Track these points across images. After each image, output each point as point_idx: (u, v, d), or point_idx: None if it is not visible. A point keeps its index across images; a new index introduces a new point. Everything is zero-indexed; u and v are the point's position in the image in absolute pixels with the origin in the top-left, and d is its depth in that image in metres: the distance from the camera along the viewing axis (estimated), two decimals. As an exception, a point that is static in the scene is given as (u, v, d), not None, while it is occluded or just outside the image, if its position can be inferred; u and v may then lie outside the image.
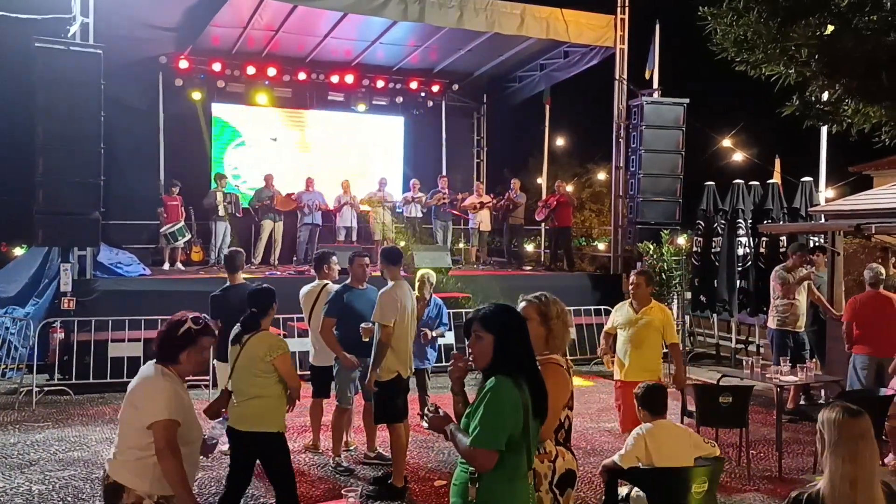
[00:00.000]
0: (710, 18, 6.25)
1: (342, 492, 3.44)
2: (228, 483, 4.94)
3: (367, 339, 6.21)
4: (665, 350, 6.58)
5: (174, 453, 3.38)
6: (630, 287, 6.56)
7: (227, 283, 7.11)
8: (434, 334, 7.63)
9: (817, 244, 9.89)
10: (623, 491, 4.84)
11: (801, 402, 8.81)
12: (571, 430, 3.89)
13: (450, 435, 3.07)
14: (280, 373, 4.78)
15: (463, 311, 10.79)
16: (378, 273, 6.87)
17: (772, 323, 8.71)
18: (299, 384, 4.97)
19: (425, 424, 3.24)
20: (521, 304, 3.73)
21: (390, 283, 6.17)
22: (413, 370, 6.54)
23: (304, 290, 7.20)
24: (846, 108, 6.36)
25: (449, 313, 10.52)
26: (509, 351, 3.03)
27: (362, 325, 6.31)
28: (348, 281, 6.65)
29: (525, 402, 2.95)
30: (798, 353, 8.27)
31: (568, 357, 3.93)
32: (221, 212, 13.26)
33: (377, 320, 5.99)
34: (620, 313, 6.53)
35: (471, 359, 3.18)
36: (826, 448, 2.84)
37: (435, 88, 17.01)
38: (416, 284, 7.81)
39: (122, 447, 3.49)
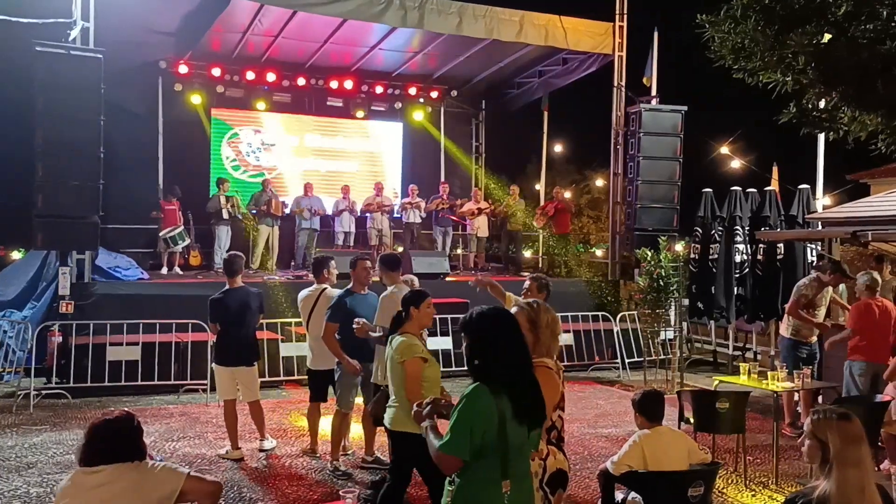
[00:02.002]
0: (707, 26, 6.31)
1: (340, 493, 3.46)
2: (391, 480, 5.00)
3: (362, 337, 6.21)
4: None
5: None
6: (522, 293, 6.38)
7: (227, 287, 7.13)
8: None
9: (816, 252, 9.91)
10: (619, 495, 4.85)
11: (798, 410, 8.80)
12: (563, 430, 3.91)
13: (425, 432, 3.12)
14: (405, 375, 4.72)
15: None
16: (377, 279, 6.88)
17: (785, 332, 8.50)
18: (417, 395, 4.61)
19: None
20: (513, 310, 3.79)
21: (391, 287, 6.19)
22: None
23: (303, 294, 7.22)
24: (842, 115, 6.42)
25: (447, 319, 10.64)
26: (485, 355, 3.06)
27: (356, 319, 6.18)
28: (350, 286, 6.66)
29: (501, 408, 2.95)
30: (812, 364, 8.22)
31: (557, 360, 3.97)
32: (225, 215, 13.29)
33: (381, 324, 5.99)
34: None
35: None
36: (832, 455, 2.84)
37: (434, 94, 17.07)
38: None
39: None
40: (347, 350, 6.39)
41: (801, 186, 11.22)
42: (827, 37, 5.98)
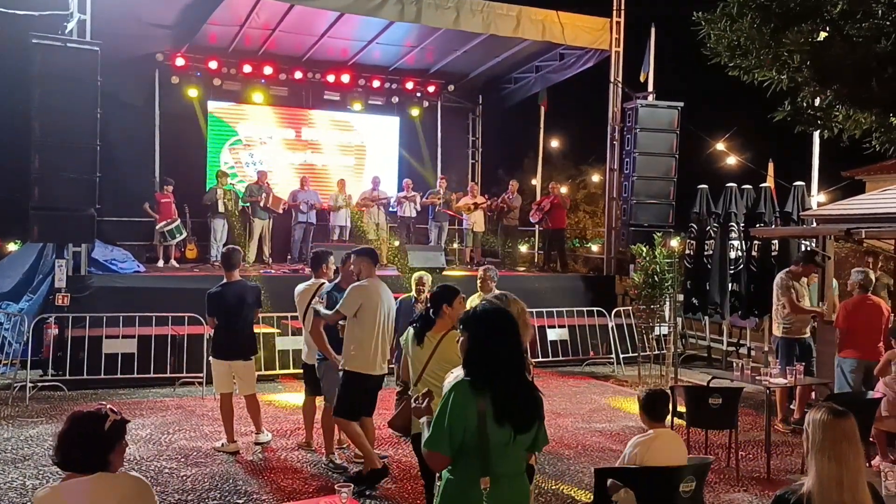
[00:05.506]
0: (703, 23, 6.33)
1: (335, 487, 3.48)
2: None
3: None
4: None
5: None
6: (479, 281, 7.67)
7: (224, 281, 7.14)
8: None
9: (809, 249, 9.94)
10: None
11: (791, 407, 8.83)
12: None
13: (422, 428, 3.14)
14: None
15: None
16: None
17: (777, 331, 8.51)
18: None
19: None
20: None
21: (364, 280, 6.19)
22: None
23: (299, 288, 7.23)
24: (837, 113, 6.44)
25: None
26: (477, 352, 3.07)
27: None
28: (338, 280, 6.66)
29: (482, 407, 2.94)
30: (807, 360, 8.25)
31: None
32: (221, 208, 13.27)
33: (341, 309, 6.07)
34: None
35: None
36: (811, 448, 2.86)
37: (431, 89, 17.06)
38: (414, 287, 8.01)
39: None
40: (333, 345, 6.41)
41: (796, 183, 11.25)
42: (822, 35, 6.01)
